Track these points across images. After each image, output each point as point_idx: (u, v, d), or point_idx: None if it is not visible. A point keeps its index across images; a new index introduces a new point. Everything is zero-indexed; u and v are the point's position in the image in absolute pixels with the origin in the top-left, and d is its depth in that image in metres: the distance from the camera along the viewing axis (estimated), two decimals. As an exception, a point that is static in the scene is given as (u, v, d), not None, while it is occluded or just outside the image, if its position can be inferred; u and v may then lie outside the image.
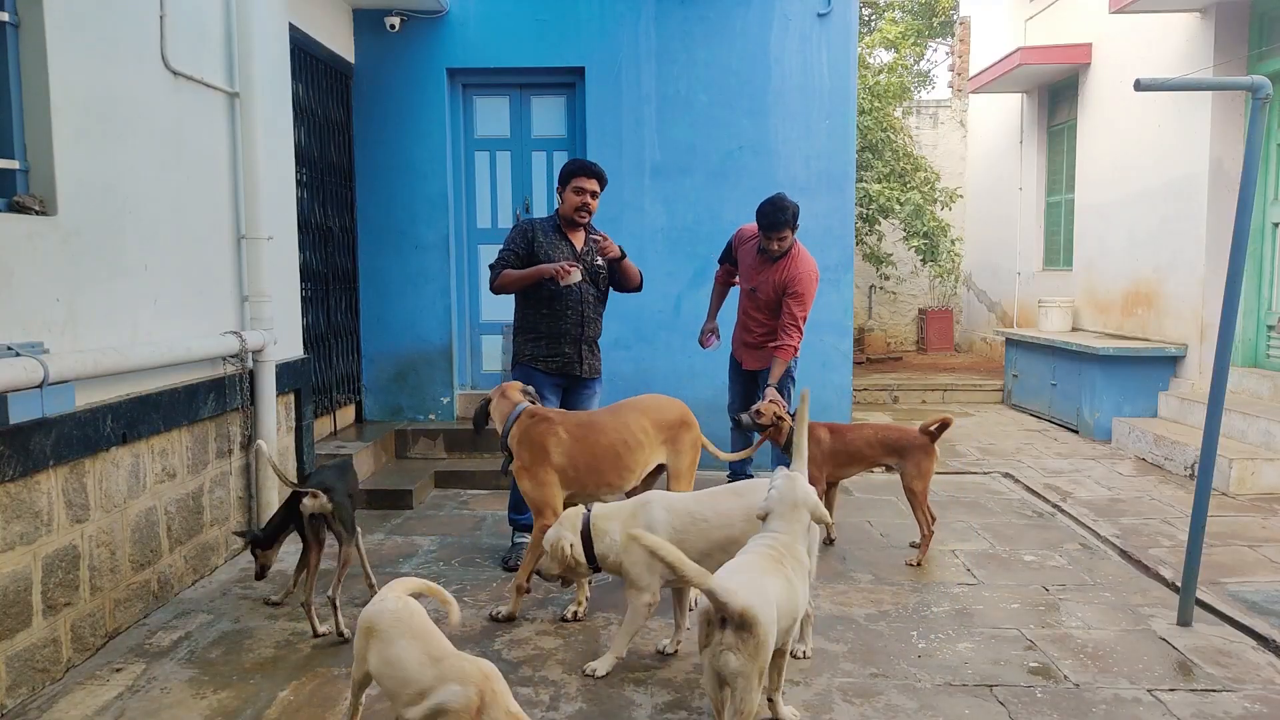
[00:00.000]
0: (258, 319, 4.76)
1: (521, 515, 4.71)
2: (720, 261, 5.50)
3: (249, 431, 4.74)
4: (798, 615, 2.87)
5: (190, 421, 4.21)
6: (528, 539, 4.69)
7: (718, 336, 5.35)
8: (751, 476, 5.51)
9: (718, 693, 2.62)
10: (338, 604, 3.61)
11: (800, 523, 2.95)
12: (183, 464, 4.19)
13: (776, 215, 4.86)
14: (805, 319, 4.95)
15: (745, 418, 4.77)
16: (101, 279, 3.59)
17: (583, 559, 3.40)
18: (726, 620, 2.53)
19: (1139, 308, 8.32)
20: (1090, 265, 9.29)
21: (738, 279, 5.45)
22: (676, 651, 3.50)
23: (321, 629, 3.64)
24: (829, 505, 4.93)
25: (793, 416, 4.81)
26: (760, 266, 5.10)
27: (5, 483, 3.04)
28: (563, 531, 3.44)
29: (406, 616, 2.57)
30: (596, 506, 3.55)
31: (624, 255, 4.74)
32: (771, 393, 4.75)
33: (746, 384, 5.36)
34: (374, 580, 4.07)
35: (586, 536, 3.41)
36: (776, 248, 4.96)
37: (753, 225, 5.21)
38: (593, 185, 4.61)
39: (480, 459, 6.52)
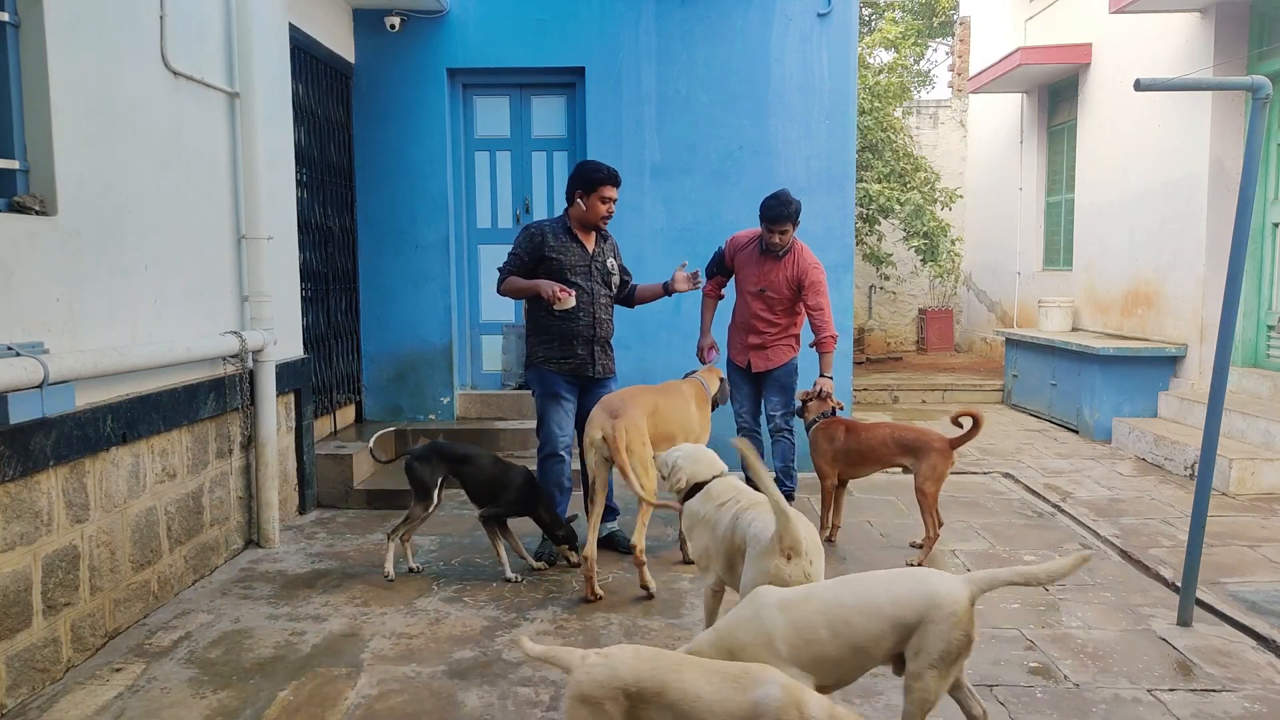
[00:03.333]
0: (258, 319, 4.76)
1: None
2: (709, 275, 5.38)
3: (249, 432, 4.75)
4: None
5: (190, 421, 4.21)
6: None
7: (716, 350, 5.36)
8: (794, 493, 5.50)
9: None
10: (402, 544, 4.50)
11: None
12: (183, 464, 4.19)
13: (780, 208, 4.95)
14: (829, 307, 5.13)
15: (795, 402, 5.15)
16: (101, 279, 3.59)
17: None
18: None
19: (1139, 308, 8.32)
20: (1090, 265, 9.29)
21: (727, 289, 5.44)
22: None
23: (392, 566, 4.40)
24: (837, 505, 4.94)
25: (835, 411, 5.03)
26: (766, 266, 5.13)
27: (5, 483, 3.04)
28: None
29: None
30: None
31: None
32: (827, 383, 5.02)
33: (755, 386, 5.36)
34: (508, 553, 4.53)
35: None
36: (779, 241, 5.01)
37: (745, 232, 5.28)
38: (616, 194, 4.65)
39: (480, 459, 6.51)
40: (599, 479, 4.31)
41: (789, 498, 5.38)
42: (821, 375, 5.03)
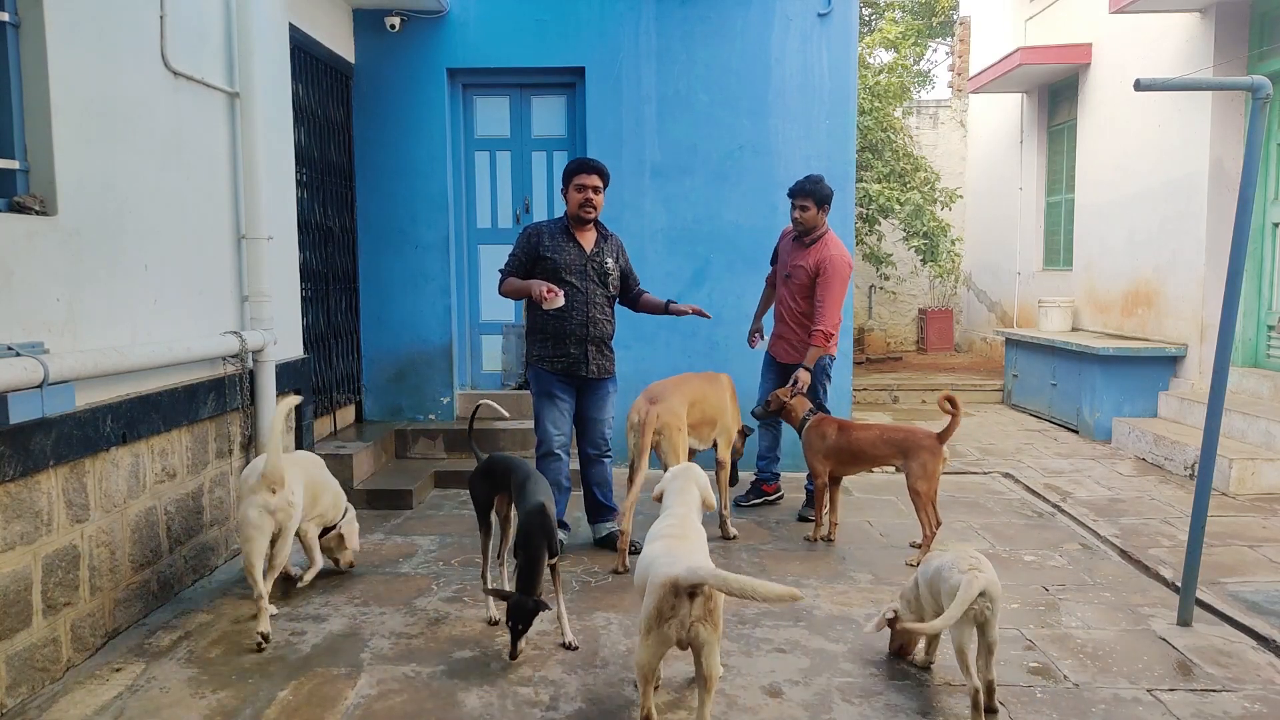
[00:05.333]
0: (258, 319, 4.76)
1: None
2: (771, 264, 5.67)
3: (249, 432, 4.74)
4: None
5: (190, 421, 4.21)
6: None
7: (762, 336, 5.56)
8: (778, 475, 5.62)
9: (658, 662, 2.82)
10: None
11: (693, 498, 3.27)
12: (182, 464, 4.19)
13: (803, 183, 5.12)
14: (837, 306, 5.10)
15: (757, 410, 5.14)
16: (101, 279, 3.59)
17: None
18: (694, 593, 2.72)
19: (1139, 308, 8.32)
20: (1090, 265, 9.29)
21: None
22: None
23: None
24: (831, 502, 4.94)
25: (822, 409, 5.08)
26: (795, 251, 5.29)
27: (5, 483, 3.04)
28: None
29: None
30: None
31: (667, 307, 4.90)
32: (802, 374, 4.97)
33: (777, 379, 5.45)
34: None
35: None
36: (798, 216, 5.14)
37: None
38: (594, 181, 4.62)
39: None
40: (637, 461, 4.51)
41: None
42: (801, 367, 5.05)
